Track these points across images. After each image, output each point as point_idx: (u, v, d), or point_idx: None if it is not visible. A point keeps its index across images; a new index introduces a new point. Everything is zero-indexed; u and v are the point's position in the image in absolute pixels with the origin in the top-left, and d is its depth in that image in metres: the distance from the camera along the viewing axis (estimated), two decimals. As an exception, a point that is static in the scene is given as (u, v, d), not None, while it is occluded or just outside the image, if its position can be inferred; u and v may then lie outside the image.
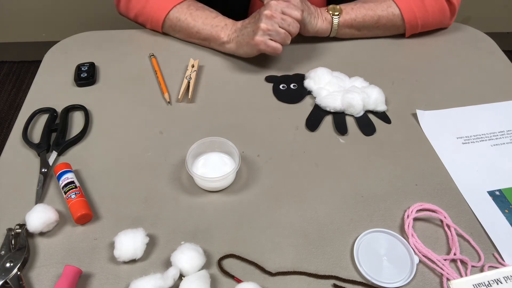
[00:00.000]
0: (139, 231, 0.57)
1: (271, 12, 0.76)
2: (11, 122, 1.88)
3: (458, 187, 0.65)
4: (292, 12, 0.77)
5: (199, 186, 0.65)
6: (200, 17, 0.86)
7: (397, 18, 0.87)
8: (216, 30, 0.85)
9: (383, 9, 0.86)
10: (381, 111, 0.77)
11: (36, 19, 2.02)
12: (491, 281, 0.53)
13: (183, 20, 0.87)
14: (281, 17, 0.76)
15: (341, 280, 0.55)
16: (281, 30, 0.76)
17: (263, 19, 0.76)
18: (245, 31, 0.81)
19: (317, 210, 0.63)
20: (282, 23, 0.76)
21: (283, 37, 0.77)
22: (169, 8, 0.87)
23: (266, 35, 0.77)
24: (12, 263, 0.55)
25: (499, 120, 0.75)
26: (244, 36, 0.80)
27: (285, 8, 0.77)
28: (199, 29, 0.86)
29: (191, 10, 0.87)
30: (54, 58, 0.89)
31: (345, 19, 0.86)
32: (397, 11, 0.86)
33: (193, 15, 0.86)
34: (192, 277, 0.53)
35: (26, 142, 0.71)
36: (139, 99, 0.79)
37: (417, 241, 0.58)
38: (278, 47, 0.77)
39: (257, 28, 0.77)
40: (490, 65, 0.87)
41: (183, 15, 0.87)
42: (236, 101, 0.79)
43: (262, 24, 0.76)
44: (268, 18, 0.76)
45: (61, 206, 0.63)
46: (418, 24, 0.88)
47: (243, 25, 0.82)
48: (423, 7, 0.86)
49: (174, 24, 0.88)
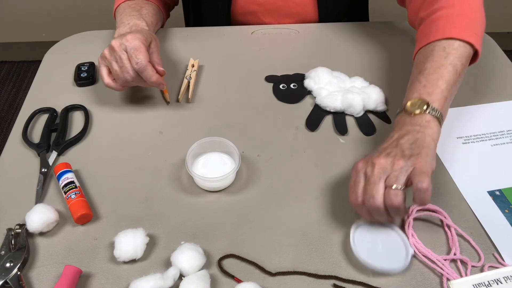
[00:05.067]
0: (139, 231, 0.57)
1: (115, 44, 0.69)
2: (11, 122, 1.88)
3: (458, 187, 0.65)
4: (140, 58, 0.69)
5: (199, 186, 0.65)
6: (125, 14, 0.81)
7: (467, 49, 0.67)
8: (119, 26, 0.79)
9: (447, 55, 0.65)
10: (381, 111, 0.77)
11: (36, 19, 2.02)
12: (491, 281, 0.53)
13: (120, 19, 0.81)
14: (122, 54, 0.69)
15: (341, 280, 0.55)
16: (115, 66, 0.70)
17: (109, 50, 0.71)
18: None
19: (317, 210, 0.63)
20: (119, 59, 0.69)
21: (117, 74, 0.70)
22: (120, 1, 0.84)
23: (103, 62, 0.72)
24: (12, 263, 0.55)
25: (499, 120, 0.75)
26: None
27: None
28: (117, 26, 0.80)
29: (129, 6, 0.83)
30: (54, 58, 0.89)
31: (438, 100, 0.62)
32: (461, 44, 0.66)
33: (125, 11, 0.81)
34: (192, 277, 0.53)
35: (26, 142, 0.71)
36: (139, 99, 0.79)
37: (417, 241, 0.58)
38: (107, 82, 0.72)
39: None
40: (490, 65, 0.86)
41: (121, 13, 0.82)
42: (236, 101, 0.79)
43: (105, 50, 0.71)
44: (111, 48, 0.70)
45: (61, 206, 0.63)
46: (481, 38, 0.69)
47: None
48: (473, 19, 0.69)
49: (117, 23, 0.82)
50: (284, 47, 0.90)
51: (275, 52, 0.89)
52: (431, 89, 0.62)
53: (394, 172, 0.54)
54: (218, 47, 0.90)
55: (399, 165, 0.55)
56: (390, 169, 0.55)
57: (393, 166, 0.55)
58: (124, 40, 0.69)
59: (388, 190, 0.54)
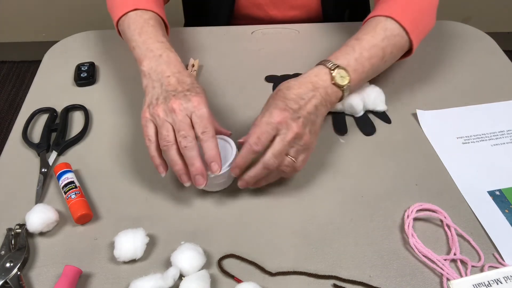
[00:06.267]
0: (139, 231, 0.57)
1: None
2: (11, 122, 1.88)
3: (458, 187, 0.65)
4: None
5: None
6: (147, 33, 0.70)
7: (403, 40, 0.72)
8: (145, 54, 0.68)
9: (381, 35, 0.70)
10: (381, 111, 0.77)
11: (36, 19, 2.02)
12: (491, 281, 0.53)
13: (132, 30, 0.72)
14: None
15: (341, 280, 0.55)
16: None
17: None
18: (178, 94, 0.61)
19: (317, 210, 0.63)
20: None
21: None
22: (129, 9, 0.73)
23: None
24: (12, 263, 0.55)
25: (499, 120, 0.75)
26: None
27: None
28: (135, 46, 0.70)
29: (147, 23, 0.72)
30: (54, 58, 0.89)
31: (355, 80, 0.67)
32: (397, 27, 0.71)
33: (144, 29, 0.71)
34: (192, 277, 0.53)
35: (26, 142, 0.71)
36: (139, 99, 0.79)
37: (417, 241, 0.58)
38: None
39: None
40: (490, 65, 0.86)
41: (134, 25, 0.72)
42: (236, 101, 0.79)
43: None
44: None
45: (61, 206, 0.63)
46: (420, 32, 0.74)
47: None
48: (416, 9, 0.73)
49: (124, 31, 0.74)
50: (284, 47, 0.90)
51: (275, 52, 0.89)
52: (357, 66, 0.67)
53: (299, 147, 0.59)
54: (218, 47, 0.90)
55: (306, 141, 0.60)
56: (298, 141, 0.59)
57: (301, 140, 0.59)
58: (190, 105, 0.59)
59: (286, 158, 0.59)
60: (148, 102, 0.62)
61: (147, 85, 0.65)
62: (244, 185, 0.61)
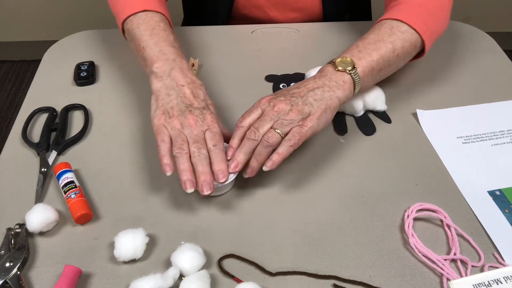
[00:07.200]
0: (139, 231, 0.57)
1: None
2: (11, 122, 1.88)
3: (458, 187, 0.65)
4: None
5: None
6: (158, 36, 0.71)
7: (413, 37, 0.72)
8: (158, 56, 0.69)
9: (390, 35, 0.70)
10: (381, 111, 0.77)
11: (36, 19, 2.02)
12: (491, 281, 0.53)
13: (142, 30, 0.72)
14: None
15: (341, 280, 0.55)
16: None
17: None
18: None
19: (317, 210, 0.63)
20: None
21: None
22: (138, 9, 0.74)
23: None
24: (12, 262, 0.55)
25: (499, 120, 0.75)
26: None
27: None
28: (146, 46, 0.70)
29: (158, 25, 0.73)
30: (54, 57, 0.89)
31: (363, 67, 0.67)
32: (408, 29, 0.71)
33: (155, 30, 0.72)
34: (192, 277, 0.53)
35: (26, 142, 0.71)
36: (139, 98, 0.79)
37: (417, 241, 0.58)
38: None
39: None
40: (490, 65, 0.86)
41: (145, 25, 0.72)
42: (236, 101, 0.79)
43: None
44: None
45: (61, 206, 0.63)
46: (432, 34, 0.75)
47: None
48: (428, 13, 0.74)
49: (132, 30, 0.73)
50: (284, 47, 0.90)
51: (275, 51, 0.89)
52: (363, 55, 0.68)
53: (284, 120, 0.61)
54: (218, 47, 0.90)
55: (292, 117, 0.61)
56: (283, 115, 0.61)
57: (287, 115, 0.61)
58: (205, 123, 0.63)
59: (270, 130, 0.61)
60: (163, 109, 0.64)
61: (160, 90, 0.66)
62: (236, 164, 0.61)
